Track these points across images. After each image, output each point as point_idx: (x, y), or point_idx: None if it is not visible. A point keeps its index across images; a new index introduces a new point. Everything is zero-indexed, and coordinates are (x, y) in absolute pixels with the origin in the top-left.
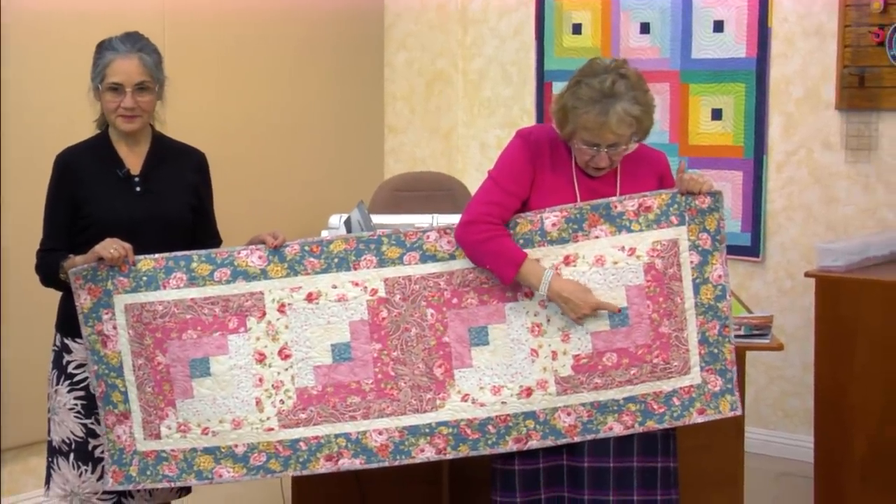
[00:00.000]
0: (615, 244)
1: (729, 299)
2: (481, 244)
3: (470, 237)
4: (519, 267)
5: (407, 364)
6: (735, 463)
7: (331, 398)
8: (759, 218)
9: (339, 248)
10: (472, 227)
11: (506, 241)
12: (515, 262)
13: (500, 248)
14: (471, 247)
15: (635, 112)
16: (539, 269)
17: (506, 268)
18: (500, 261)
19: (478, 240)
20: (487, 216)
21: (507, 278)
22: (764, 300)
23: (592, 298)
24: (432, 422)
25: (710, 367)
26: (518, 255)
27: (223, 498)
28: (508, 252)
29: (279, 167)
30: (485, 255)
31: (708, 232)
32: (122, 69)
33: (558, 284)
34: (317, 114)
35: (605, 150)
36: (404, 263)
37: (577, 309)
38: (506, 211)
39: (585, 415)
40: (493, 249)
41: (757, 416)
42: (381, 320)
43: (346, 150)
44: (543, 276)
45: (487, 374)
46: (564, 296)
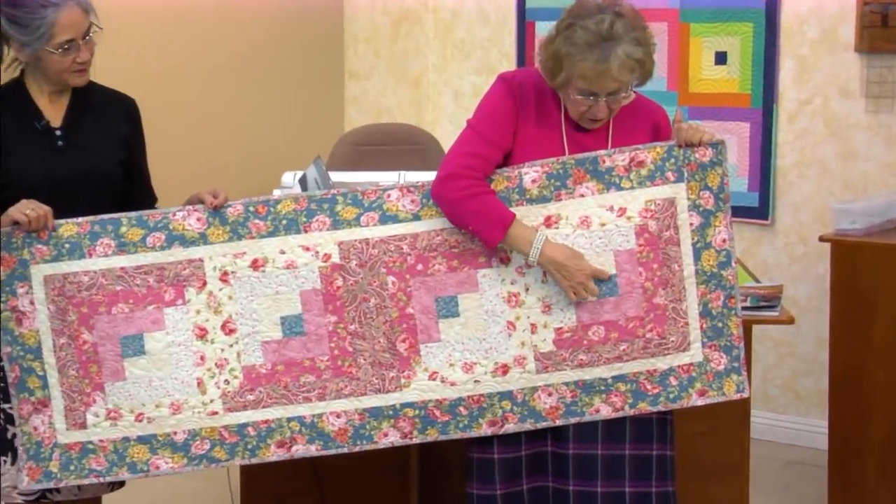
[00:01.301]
0: (603, 203)
1: (734, 266)
2: (463, 202)
3: (450, 194)
4: (507, 229)
5: (366, 339)
6: (740, 451)
7: (282, 377)
8: (768, 175)
9: (288, 208)
10: (453, 183)
11: (491, 198)
12: (503, 224)
13: (486, 206)
14: (451, 205)
15: (637, 55)
16: (529, 233)
17: (492, 230)
18: (486, 221)
19: (459, 197)
20: (469, 169)
21: (492, 242)
22: (773, 268)
23: (587, 264)
24: (396, 403)
25: (714, 343)
26: (506, 216)
27: (162, 491)
28: (495, 211)
29: (224, 117)
30: (467, 215)
31: (710, 189)
32: (70, 22)
33: (551, 250)
34: (268, 57)
35: (603, 98)
36: (361, 225)
37: (572, 276)
38: (488, 164)
39: (569, 395)
40: (477, 208)
41: (764, 399)
42: (335, 290)
43: (302, 99)
44: (534, 240)
45: (458, 349)
46: (559, 261)
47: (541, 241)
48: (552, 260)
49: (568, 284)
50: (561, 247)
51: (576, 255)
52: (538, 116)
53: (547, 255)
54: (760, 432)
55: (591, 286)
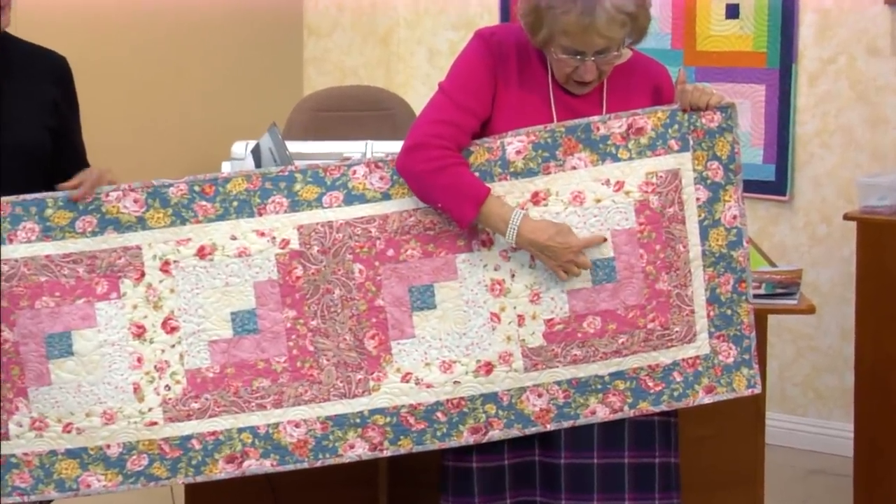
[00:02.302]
0: (598, 177)
1: (746, 247)
2: (432, 175)
3: (417, 166)
4: (480, 205)
5: (330, 336)
6: (753, 458)
7: (232, 382)
8: (786, 145)
9: (240, 187)
10: (420, 153)
11: (463, 171)
12: (476, 199)
13: (457, 180)
14: (418, 179)
15: (629, 7)
16: (506, 210)
17: (464, 206)
18: (457, 197)
19: (427, 169)
20: (439, 139)
21: (464, 220)
22: (791, 250)
23: (575, 239)
24: (364, 409)
25: (722, 333)
26: (479, 191)
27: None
28: (467, 186)
29: (167, 79)
30: (436, 190)
31: (718, 159)
32: None
33: (531, 228)
34: (216, 12)
35: (591, 58)
36: (324, 206)
37: (558, 256)
38: (461, 133)
39: (561, 396)
40: (447, 182)
41: (781, 399)
42: (294, 280)
43: (254, 59)
44: (511, 218)
45: (435, 346)
46: (541, 242)
47: (518, 220)
48: (533, 241)
49: (555, 265)
50: (542, 225)
51: (561, 231)
52: (521, 78)
53: (526, 236)
54: (777, 437)
55: (581, 260)
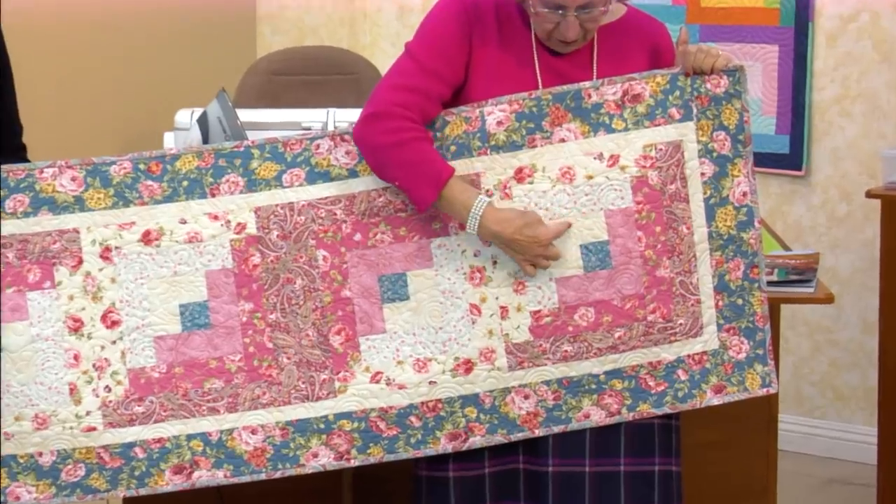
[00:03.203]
0: (589, 150)
1: (757, 228)
2: (390, 149)
3: (375, 138)
4: (441, 188)
5: (291, 331)
6: (765, 466)
7: (180, 383)
8: (802, 113)
9: (190, 165)
10: (379, 123)
11: (425, 147)
12: (436, 180)
13: (417, 156)
14: (374, 152)
15: None
16: (468, 196)
17: (422, 188)
18: (416, 177)
19: (386, 142)
20: (401, 108)
21: (422, 203)
22: (807, 231)
23: (544, 230)
24: (329, 413)
25: (732, 326)
26: (441, 171)
27: None
28: (428, 164)
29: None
30: (393, 167)
31: (725, 130)
32: None
33: (495, 219)
34: None
35: (573, 14)
36: (283, 185)
37: (527, 250)
38: (428, 102)
39: (550, 398)
40: (406, 159)
41: (796, 399)
42: (251, 269)
43: (201, 17)
44: (473, 206)
45: (408, 342)
46: (507, 236)
47: (481, 208)
48: (497, 234)
49: (522, 259)
50: (509, 215)
51: (528, 222)
52: (501, 39)
53: (490, 228)
54: (791, 442)
55: (552, 252)
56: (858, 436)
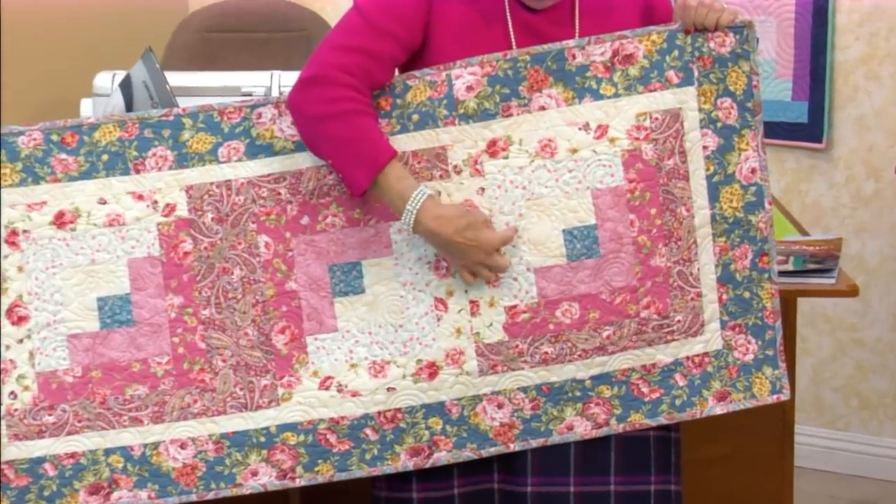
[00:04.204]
0: (574, 119)
1: (768, 209)
2: (325, 122)
3: (310, 107)
4: (377, 173)
5: (227, 329)
6: (778, 484)
7: (98, 389)
8: (823, 77)
9: (111, 136)
10: (316, 90)
11: (366, 122)
12: (373, 164)
13: (355, 133)
14: (307, 123)
15: None
16: (406, 185)
17: (356, 170)
18: (350, 157)
19: (321, 113)
20: (343, 72)
21: (355, 187)
22: (829, 213)
23: (489, 234)
24: (271, 425)
25: (738, 323)
26: (379, 154)
27: None
28: (366, 144)
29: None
30: (326, 142)
31: (732, 96)
32: None
33: (434, 215)
34: None
35: None
36: (220, 160)
37: (467, 254)
38: (377, 66)
39: (528, 407)
40: (342, 134)
41: (816, 408)
42: (182, 257)
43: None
44: (411, 197)
45: (363, 341)
46: (445, 236)
47: (419, 201)
48: (434, 232)
49: (461, 265)
50: (449, 213)
51: (472, 223)
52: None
53: (426, 224)
54: (809, 458)
55: (495, 261)
56: (888, 450)
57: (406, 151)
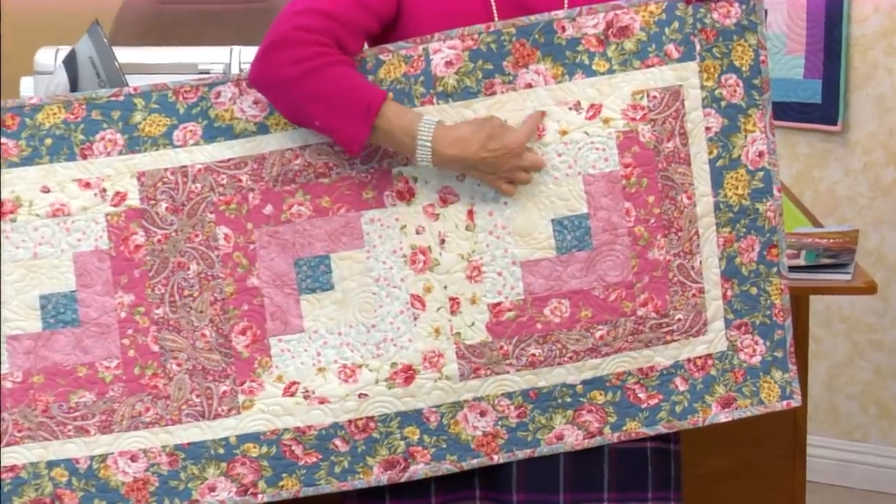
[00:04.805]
0: (563, 98)
1: (778, 197)
2: (301, 82)
3: (278, 72)
4: (374, 118)
5: (183, 330)
6: (790, 501)
7: (40, 395)
8: (838, 52)
9: (55, 118)
10: (281, 54)
11: (346, 71)
12: (367, 109)
13: (338, 84)
14: (282, 90)
15: None
16: (410, 119)
17: (350, 122)
18: (339, 109)
19: (293, 75)
20: (308, 32)
21: (354, 142)
22: (845, 202)
23: (513, 135)
24: (231, 435)
25: (745, 322)
26: (371, 97)
27: None
28: (353, 91)
29: None
30: (309, 102)
31: (737, 72)
32: None
33: (451, 140)
34: None
35: None
36: (175, 145)
37: (500, 165)
38: (344, 30)
39: (514, 414)
40: (323, 89)
41: (831, 417)
42: (133, 251)
43: None
44: (420, 131)
45: (332, 343)
46: (471, 158)
47: (429, 132)
48: (457, 159)
49: (495, 179)
50: (465, 133)
51: (492, 133)
52: None
53: (446, 153)
54: (824, 472)
55: (532, 160)
56: None
57: None
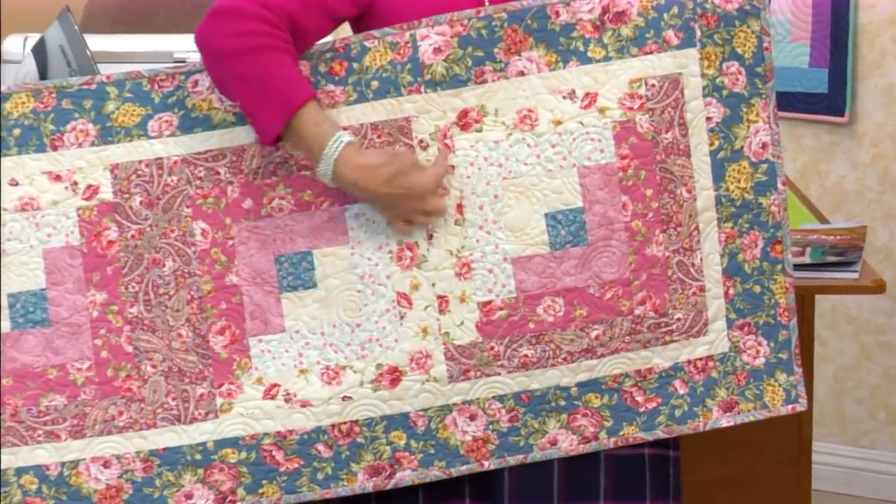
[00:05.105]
0: (557, 87)
1: (782, 191)
2: (234, 58)
3: (217, 41)
4: (291, 115)
5: (158, 330)
6: None
7: (8, 399)
8: (845, 39)
9: (24, 108)
10: (225, 23)
11: (283, 59)
12: (286, 105)
13: (267, 69)
14: (215, 58)
15: None
16: (325, 129)
17: (266, 112)
18: (262, 97)
19: (229, 48)
20: (259, 5)
21: (265, 132)
22: (853, 197)
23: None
24: (208, 440)
25: (747, 322)
26: (294, 92)
27: None
28: (279, 80)
29: None
30: (237, 81)
31: (740, 60)
32: None
33: (357, 164)
34: None
35: None
36: (150, 136)
37: (400, 203)
38: (305, 9)
39: (505, 418)
40: (253, 72)
41: (837, 422)
42: (105, 247)
43: None
44: (328, 144)
45: (315, 343)
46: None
47: (337, 148)
48: (358, 185)
49: (393, 217)
50: (374, 160)
51: (400, 169)
52: None
53: (347, 177)
54: (830, 479)
55: (434, 204)
56: None
57: (364, 124)
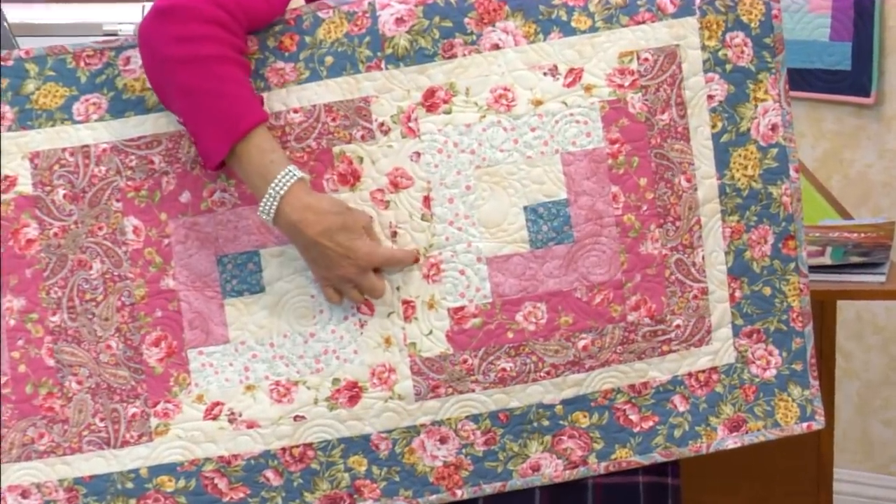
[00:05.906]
0: (537, 62)
1: (796, 179)
2: (178, 67)
3: (164, 44)
4: (236, 141)
5: (84, 341)
6: None
7: None
8: (871, 11)
9: None
10: (171, 24)
11: (232, 73)
12: (232, 129)
13: (218, 85)
14: (156, 64)
15: None
16: (273, 160)
17: (210, 135)
18: (204, 114)
19: (174, 55)
20: (214, 6)
21: (209, 157)
22: (879, 189)
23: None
24: (142, 466)
25: (756, 329)
26: (243, 115)
27: None
28: (227, 99)
29: None
30: (178, 94)
31: (745, 30)
32: None
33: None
34: None
35: None
36: (75, 120)
37: (334, 265)
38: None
39: (480, 441)
40: (196, 84)
41: (863, 445)
42: (24, 247)
43: None
44: (276, 178)
45: (263, 356)
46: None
47: (286, 185)
48: (296, 229)
49: (322, 276)
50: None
51: (347, 225)
52: None
53: (288, 217)
54: None
55: (371, 282)
56: None
57: (317, 105)
